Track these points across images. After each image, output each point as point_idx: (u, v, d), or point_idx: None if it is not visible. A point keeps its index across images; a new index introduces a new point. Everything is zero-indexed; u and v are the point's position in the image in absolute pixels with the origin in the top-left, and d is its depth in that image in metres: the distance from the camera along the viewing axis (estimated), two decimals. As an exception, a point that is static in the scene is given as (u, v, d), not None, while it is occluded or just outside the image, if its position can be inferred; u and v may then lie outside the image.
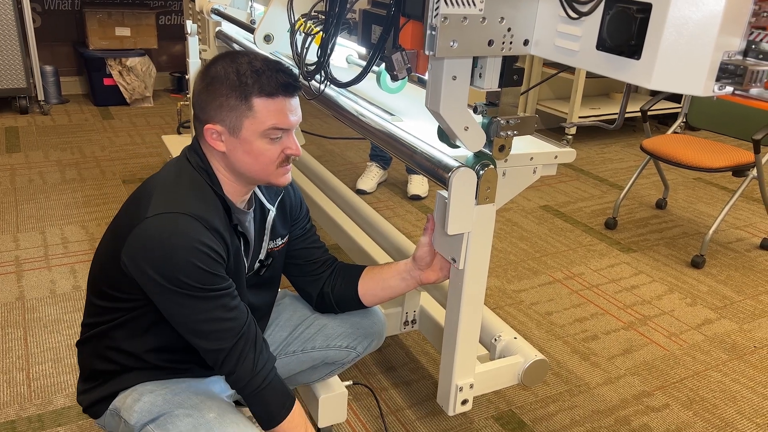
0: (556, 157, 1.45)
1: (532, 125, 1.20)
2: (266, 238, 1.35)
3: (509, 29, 1.02)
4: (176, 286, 1.11)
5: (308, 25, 1.40)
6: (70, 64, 4.82)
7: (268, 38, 1.67)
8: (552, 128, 4.61)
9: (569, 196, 3.47)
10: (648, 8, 0.84)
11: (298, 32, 1.40)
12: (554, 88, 4.55)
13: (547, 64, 4.36)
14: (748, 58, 0.84)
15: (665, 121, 4.76)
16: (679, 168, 2.82)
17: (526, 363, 1.52)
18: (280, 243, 1.39)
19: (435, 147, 1.29)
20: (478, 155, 1.22)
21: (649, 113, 3.09)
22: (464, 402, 1.43)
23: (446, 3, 0.95)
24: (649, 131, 3.11)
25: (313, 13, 1.44)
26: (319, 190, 2.64)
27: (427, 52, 0.99)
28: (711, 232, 2.75)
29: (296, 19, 1.46)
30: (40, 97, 4.36)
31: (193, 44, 2.52)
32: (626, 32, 0.87)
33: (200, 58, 2.68)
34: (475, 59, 1.09)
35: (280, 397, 1.24)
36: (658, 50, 0.84)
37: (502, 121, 1.16)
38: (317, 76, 1.30)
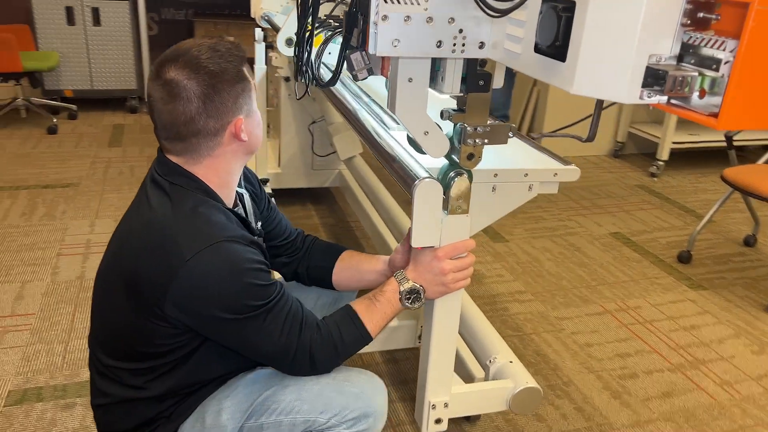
0: (555, 174, 1.37)
1: (505, 134, 1.14)
2: (252, 221, 1.34)
3: (461, 30, 0.98)
4: (245, 313, 1.08)
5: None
6: (180, 70, 5.18)
7: (290, 42, 1.71)
8: (645, 153, 4.34)
9: (646, 224, 3.24)
10: (572, 7, 0.78)
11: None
12: (650, 109, 4.28)
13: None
14: (683, 64, 0.75)
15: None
16: (763, 201, 2.55)
17: (515, 389, 1.44)
18: (260, 224, 1.40)
19: (413, 156, 1.26)
20: (453, 164, 1.18)
21: (750, 141, 2.83)
22: (438, 421, 1.38)
23: (386, 1, 0.93)
24: (735, 159, 2.85)
25: (323, 18, 1.46)
26: (367, 199, 2.66)
27: (370, 51, 0.98)
28: (796, 275, 2.47)
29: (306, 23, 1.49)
30: (148, 98, 4.73)
31: (260, 51, 2.63)
32: (553, 32, 0.81)
33: (270, 64, 2.79)
34: (436, 61, 1.06)
35: (349, 329, 1.20)
36: (579, 52, 0.77)
37: (469, 128, 1.11)
38: (309, 75, 1.32)
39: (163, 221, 1.10)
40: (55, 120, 4.21)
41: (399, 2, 0.94)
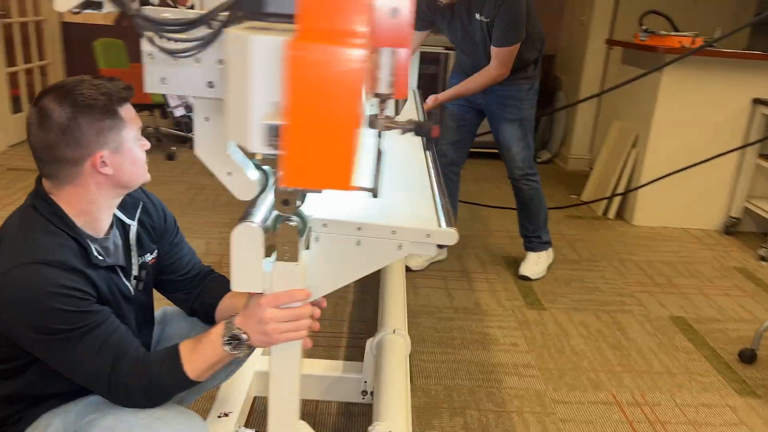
0: (428, 236, 1.27)
1: (317, 183, 1.08)
2: (134, 253, 1.38)
3: (233, 73, 0.96)
4: (49, 334, 1.12)
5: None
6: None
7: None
8: (766, 232, 3.77)
9: (722, 313, 2.80)
10: (230, 48, 0.74)
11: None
12: (772, 183, 3.74)
13: (764, 154, 3.60)
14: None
15: None
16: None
17: (378, 464, 1.32)
18: (150, 258, 1.42)
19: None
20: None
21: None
22: (280, 480, 1.30)
23: (148, 40, 0.94)
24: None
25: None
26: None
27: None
28: None
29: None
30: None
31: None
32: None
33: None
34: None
35: (167, 369, 1.20)
36: (228, 97, 0.73)
37: (278, 173, 1.07)
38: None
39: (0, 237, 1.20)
40: (174, 148, 4.69)
41: (161, 39, 0.95)
